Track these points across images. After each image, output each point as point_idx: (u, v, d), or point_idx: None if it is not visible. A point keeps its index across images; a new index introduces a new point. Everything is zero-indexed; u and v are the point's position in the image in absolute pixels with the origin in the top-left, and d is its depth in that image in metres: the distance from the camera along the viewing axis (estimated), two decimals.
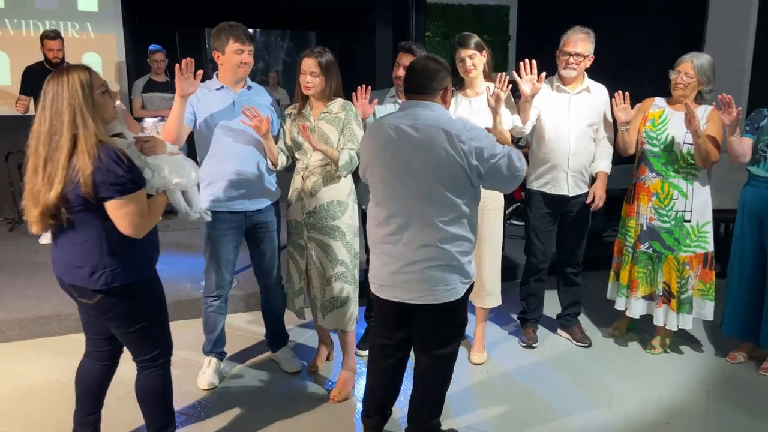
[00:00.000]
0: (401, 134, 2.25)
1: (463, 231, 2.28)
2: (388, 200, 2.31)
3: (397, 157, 2.27)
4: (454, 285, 2.30)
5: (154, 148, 2.23)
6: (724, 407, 2.94)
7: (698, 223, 3.24)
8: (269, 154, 2.95)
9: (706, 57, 3.16)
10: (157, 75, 5.63)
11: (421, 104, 2.28)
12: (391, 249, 2.31)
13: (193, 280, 4.06)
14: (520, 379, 3.22)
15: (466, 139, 2.18)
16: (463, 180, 2.21)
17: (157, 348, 2.30)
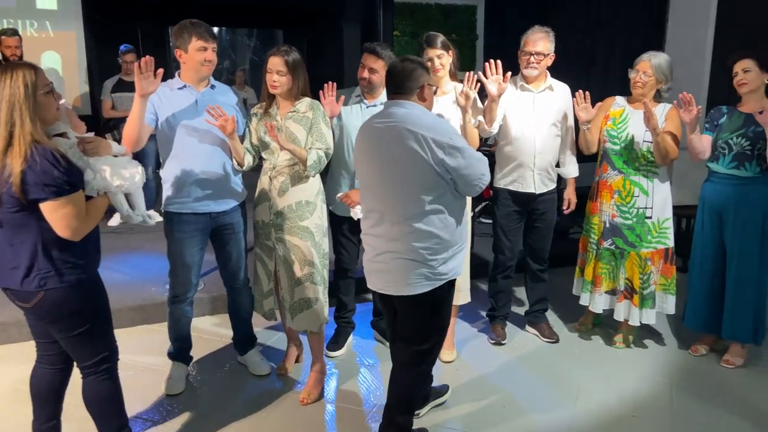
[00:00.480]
0: (375, 133, 2.35)
1: (433, 228, 2.30)
2: (368, 195, 2.43)
3: (372, 155, 2.37)
4: (418, 280, 2.33)
5: (97, 149, 2.17)
6: (687, 399, 3.01)
7: (659, 220, 3.31)
8: (235, 154, 2.90)
9: (664, 56, 3.23)
10: (128, 75, 5.51)
11: (396, 103, 2.36)
12: (370, 240, 2.43)
13: (158, 284, 3.99)
14: (489, 376, 3.25)
15: (432, 136, 2.23)
16: (432, 176, 2.25)
17: (100, 353, 2.23)
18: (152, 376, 3.13)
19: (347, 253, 3.37)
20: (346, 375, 3.25)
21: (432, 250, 2.31)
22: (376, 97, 3.17)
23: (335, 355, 3.42)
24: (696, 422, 2.83)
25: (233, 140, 2.83)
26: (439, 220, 2.31)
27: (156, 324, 3.75)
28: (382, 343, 3.56)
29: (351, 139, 3.16)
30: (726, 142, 3.15)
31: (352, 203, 3.13)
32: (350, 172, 3.19)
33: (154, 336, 3.58)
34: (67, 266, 2.07)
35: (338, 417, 2.89)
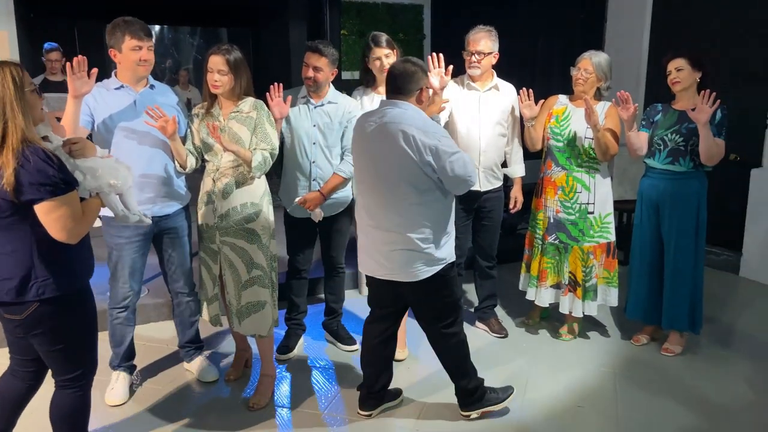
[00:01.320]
0: (369, 130, 2.49)
1: (425, 220, 2.49)
2: (363, 189, 2.59)
3: (366, 151, 2.52)
4: (419, 267, 2.53)
5: (83, 151, 2.11)
6: (630, 387, 3.11)
7: (601, 215, 3.40)
8: (177, 156, 2.83)
9: (604, 55, 3.32)
10: (53, 75, 5.29)
11: (392, 103, 2.50)
12: (369, 232, 2.59)
13: (98, 291, 3.79)
14: (440, 372, 3.23)
15: (420, 137, 2.37)
16: (419, 174, 2.41)
17: (82, 367, 2.15)
18: (95, 387, 2.96)
19: (302, 255, 3.33)
20: (297, 378, 3.21)
21: (425, 239, 2.50)
22: (322, 96, 3.14)
23: (286, 358, 3.37)
24: (639, 409, 2.92)
25: (174, 142, 2.75)
26: (429, 213, 2.49)
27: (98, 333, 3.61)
28: (334, 344, 3.54)
29: (302, 141, 3.13)
30: (661, 139, 3.27)
31: (310, 207, 3.10)
32: (305, 174, 3.16)
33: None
34: (64, 273, 1.98)
35: (291, 421, 2.85)
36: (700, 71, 3.19)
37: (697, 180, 3.25)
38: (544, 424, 2.82)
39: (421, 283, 2.56)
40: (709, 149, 3.09)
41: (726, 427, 2.80)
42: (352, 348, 3.48)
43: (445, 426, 2.80)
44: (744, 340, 3.69)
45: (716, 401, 2.99)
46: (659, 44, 5.21)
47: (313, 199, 3.12)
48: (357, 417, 2.87)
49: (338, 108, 3.14)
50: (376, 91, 3.25)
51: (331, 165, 3.16)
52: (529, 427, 2.80)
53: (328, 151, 3.14)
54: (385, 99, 2.58)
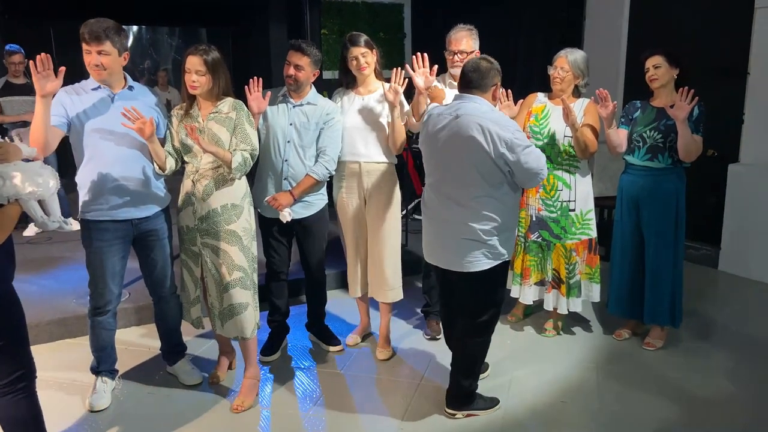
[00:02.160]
0: (443, 123, 2.58)
1: (490, 211, 2.56)
2: (432, 182, 2.69)
3: (438, 144, 2.60)
4: (477, 259, 2.60)
5: (5, 155, 2.02)
6: (613, 381, 3.14)
7: (582, 212, 3.43)
8: (155, 158, 2.79)
9: (580, 52, 3.35)
10: (15, 77, 5.18)
11: (468, 98, 2.59)
12: (432, 221, 2.71)
13: (78, 295, 3.78)
14: (425, 371, 3.27)
15: (496, 130, 2.46)
16: (492, 167, 2.50)
17: (17, 371, 2.08)
18: (75, 393, 2.98)
19: (278, 256, 3.31)
20: (281, 379, 3.20)
21: (489, 232, 2.57)
22: (302, 96, 3.12)
23: (269, 360, 3.35)
24: (621, 402, 2.95)
25: (152, 143, 2.72)
26: (496, 205, 2.56)
27: (78, 338, 3.56)
28: (318, 344, 3.53)
29: (278, 139, 3.11)
30: (640, 136, 3.30)
31: (279, 206, 3.08)
32: (277, 173, 3.14)
33: (77, 350, 3.40)
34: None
35: (274, 423, 2.83)
36: (678, 68, 3.23)
37: (675, 176, 3.29)
38: (528, 419, 2.84)
39: (474, 274, 2.61)
40: (688, 145, 3.13)
41: (707, 418, 2.84)
42: (336, 348, 3.47)
43: (430, 425, 2.80)
44: (723, 333, 3.75)
45: (697, 393, 3.03)
46: (638, 42, 5.27)
47: (282, 199, 3.09)
48: (340, 417, 2.86)
49: (317, 109, 3.12)
50: (356, 91, 3.24)
51: (305, 166, 3.13)
52: (513, 422, 2.81)
53: (302, 151, 3.12)
54: (458, 93, 2.68)
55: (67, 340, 3.58)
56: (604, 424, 2.81)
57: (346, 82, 3.27)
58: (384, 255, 3.28)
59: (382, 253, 3.27)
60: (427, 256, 2.81)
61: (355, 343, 3.55)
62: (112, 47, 2.63)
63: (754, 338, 3.63)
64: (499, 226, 2.58)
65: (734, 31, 4.68)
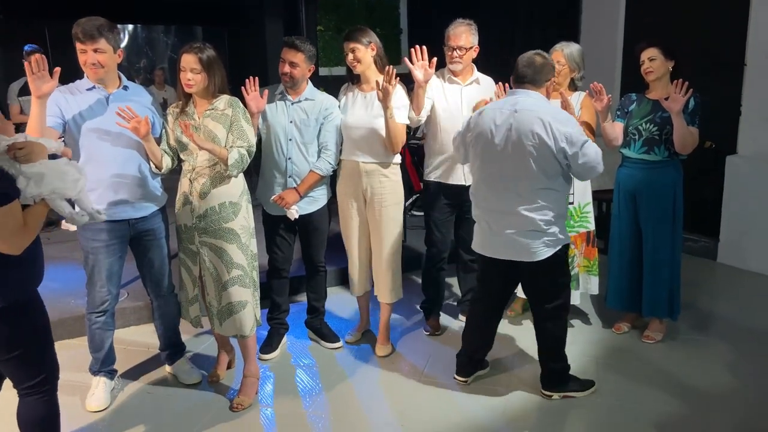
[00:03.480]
0: (501, 118, 2.65)
1: (549, 202, 2.66)
2: (485, 177, 2.74)
3: (495, 138, 2.65)
4: (540, 248, 2.70)
5: (29, 155, 1.99)
6: (612, 374, 3.14)
7: (580, 205, 3.43)
8: (152, 157, 2.79)
9: (575, 46, 3.34)
10: None
11: (523, 92, 2.68)
12: (490, 215, 2.76)
13: (76, 296, 3.78)
14: (425, 367, 3.27)
15: (556, 125, 2.56)
16: (551, 160, 2.59)
17: (42, 373, 2.12)
18: (74, 393, 2.97)
19: (282, 253, 3.31)
20: (281, 377, 3.20)
21: (548, 221, 2.67)
22: (299, 92, 3.11)
23: (269, 358, 3.35)
24: (621, 396, 2.96)
25: (148, 142, 2.71)
26: (554, 196, 2.67)
27: (77, 338, 3.56)
28: (317, 342, 3.53)
29: (279, 138, 3.10)
30: (636, 128, 3.29)
31: (286, 205, 3.08)
32: (281, 171, 3.13)
33: (76, 351, 3.40)
34: (8, 283, 1.93)
35: (275, 421, 2.84)
36: (673, 60, 3.22)
37: (672, 168, 3.28)
38: (527, 413, 2.84)
39: (540, 263, 2.71)
40: (683, 138, 3.12)
41: (706, 411, 2.84)
42: (336, 345, 3.47)
43: (430, 421, 2.80)
44: (722, 325, 3.75)
45: (696, 386, 3.03)
46: (634, 35, 5.25)
47: (288, 197, 3.09)
48: (341, 415, 2.86)
49: (315, 105, 3.11)
50: (360, 88, 3.21)
51: (308, 162, 3.13)
52: (513, 416, 2.82)
53: (304, 148, 3.12)
54: (513, 88, 2.74)
55: (67, 340, 3.57)
56: (603, 416, 2.81)
57: (350, 79, 3.25)
58: (385, 255, 3.27)
59: (383, 253, 3.27)
60: (481, 249, 2.87)
61: (354, 341, 3.55)
62: (107, 44, 2.63)
63: (753, 330, 3.63)
64: (556, 216, 2.70)
65: (731, 23, 4.67)
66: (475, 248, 2.91)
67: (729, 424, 2.76)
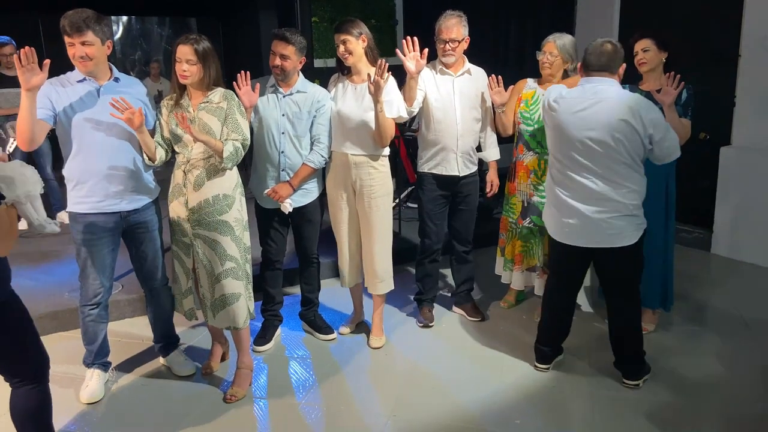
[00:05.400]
0: (584, 106, 2.67)
1: (636, 186, 2.72)
2: (569, 164, 2.74)
3: (578, 126, 2.67)
4: (632, 232, 2.75)
5: None
6: (604, 365, 3.14)
7: None
8: (145, 149, 2.78)
9: (568, 37, 3.33)
10: (8, 69, 5.13)
11: (600, 80, 2.71)
12: (573, 204, 2.76)
13: (70, 289, 3.78)
14: (418, 359, 3.29)
15: (643, 112, 2.62)
16: (638, 144, 2.65)
17: (31, 367, 2.12)
18: (69, 385, 2.98)
19: (275, 245, 3.31)
20: (275, 369, 3.21)
21: (635, 205, 2.73)
22: (291, 85, 3.10)
23: (263, 350, 3.36)
24: (613, 386, 2.97)
25: (142, 134, 2.71)
26: (639, 180, 2.73)
27: (71, 331, 3.56)
28: (311, 334, 3.54)
29: (271, 131, 3.09)
30: None
31: (280, 198, 3.07)
32: (274, 165, 3.13)
33: (70, 343, 3.41)
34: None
35: (268, 412, 2.85)
36: (666, 52, 3.22)
37: None
38: (520, 404, 2.85)
39: (628, 247, 2.75)
40: (675, 129, 3.10)
41: (699, 401, 2.86)
42: (330, 337, 3.48)
43: (422, 412, 2.81)
44: (715, 316, 3.77)
45: (689, 376, 3.05)
46: (629, 26, 5.25)
47: (282, 190, 3.09)
48: (334, 406, 2.88)
49: (307, 97, 3.11)
50: (350, 79, 3.20)
51: (301, 155, 3.13)
52: (507, 407, 2.83)
53: (297, 141, 3.11)
54: (589, 76, 2.75)
55: (60, 333, 3.58)
56: (596, 407, 2.83)
57: (340, 70, 3.25)
58: (375, 247, 3.28)
59: (373, 245, 3.27)
60: (564, 238, 2.85)
61: (348, 332, 3.56)
62: (95, 37, 2.61)
63: (746, 321, 3.65)
64: (639, 200, 2.75)
65: (725, 14, 4.66)
66: (558, 238, 2.88)
67: (720, 413, 2.78)
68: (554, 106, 2.77)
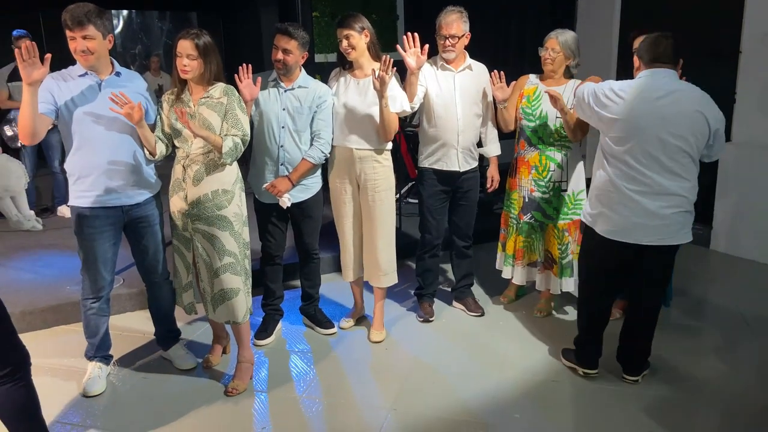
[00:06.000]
0: (659, 96, 2.60)
1: (694, 180, 2.70)
2: (639, 157, 2.64)
3: (652, 118, 2.60)
4: (688, 229, 2.74)
5: None
6: (604, 360, 3.14)
7: (574, 192, 3.44)
8: (146, 144, 2.79)
9: (570, 33, 3.33)
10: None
11: (666, 72, 2.65)
12: (638, 199, 2.67)
13: (71, 282, 3.79)
14: (418, 353, 3.30)
15: (709, 105, 2.63)
16: (704, 139, 2.63)
17: (10, 363, 2.09)
18: (70, 378, 3.00)
19: (274, 240, 3.32)
20: (276, 363, 3.22)
21: (693, 201, 2.72)
22: (292, 80, 3.11)
23: (264, 344, 3.38)
24: (613, 381, 2.99)
25: (142, 129, 2.71)
26: (696, 174, 2.70)
27: (72, 324, 3.58)
28: (312, 328, 3.55)
29: (272, 125, 3.10)
30: None
31: (278, 193, 3.08)
32: (274, 159, 3.13)
33: (71, 336, 3.42)
34: None
35: (269, 405, 2.86)
36: None
37: None
38: (520, 399, 2.87)
39: (674, 246, 2.75)
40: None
41: (698, 397, 2.87)
42: (330, 331, 3.49)
43: (422, 406, 2.83)
44: (714, 312, 3.78)
45: (688, 372, 3.07)
46: (631, 23, 5.24)
47: (280, 185, 3.10)
48: (335, 399, 2.89)
49: (308, 93, 3.11)
50: (352, 74, 3.20)
51: (300, 150, 3.13)
52: (506, 401, 2.84)
53: (297, 136, 3.12)
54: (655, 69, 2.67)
55: (62, 326, 3.59)
56: (595, 402, 2.84)
57: (342, 65, 3.25)
58: (378, 241, 3.29)
59: (377, 238, 3.28)
60: (626, 236, 2.73)
61: (349, 327, 3.57)
62: (96, 31, 2.61)
63: (745, 317, 3.67)
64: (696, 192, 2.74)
65: (726, 10, 4.66)
66: (619, 237, 2.74)
67: (719, 409, 2.80)
68: (621, 94, 2.66)
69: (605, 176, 2.77)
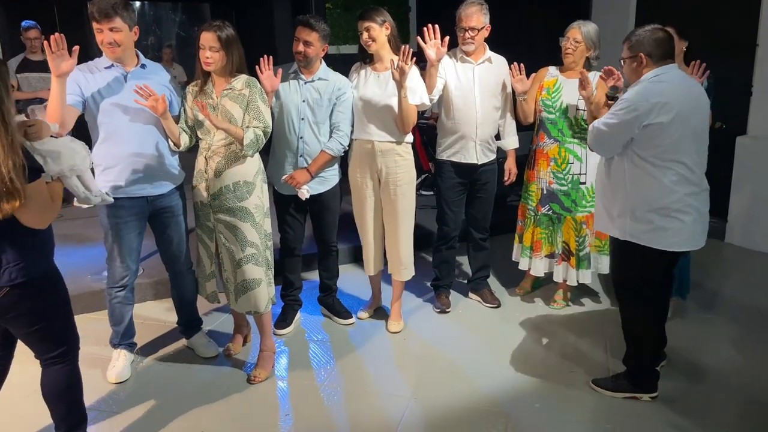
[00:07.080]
0: (694, 92, 2.58)
1: None
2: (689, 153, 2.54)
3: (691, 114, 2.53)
4: None
5: (39, 133, 2.04)
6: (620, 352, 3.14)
7: (592, 185, 3.44)
8: (170, 135, 2.82)
9: (592, 25, 3.33)
10: (33, 53, 5.16)
11: (675, 67, 2.61)
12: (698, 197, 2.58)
13: (93, 272, 3.84)
14: (435, 344, 3.33)
15: None
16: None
17: (65, 344, 2.18)
18: (96, 366, 3.04)
19: (293, 232, 3.35)
20: (295, 351, 3.26)
21: None
22: (312, 72, 3.12)
23: (283, 333, 3.42)
24: None
25: (166, 120, 2.75)
26: None
27: (95, 312, 3.63)
28: (330, 318, 3.59)
29: (291, 117, 3.12)
30: None
31: (297, 184, 3.10)
32: (293, 151, 3.15)
33: (94, 325, 3.47)
34: (35, 256, 1.99)
35: (290, 393, 2.91)
36: (686, 41, 3.22)
37: None
38: (537, 389, 2.90)
39: None
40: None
41: (714, 388, 2.90)
42: (348, 322, 3.53)
43: (441, 397, 2.85)
44: (730, 304, 3.79)
45: (704, 364, 3.09)
46: (646, 16, 5.21)
47: (299, 176, 3.12)
48: (355, 388, 2.93)
49: (328, 85, 3.12)
50: (373, 67, 3.21)
51: (320, 142, 3.15)
52: (524, 392, 2.87)
53: (316, 128, 3.14)
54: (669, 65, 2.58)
55: (84, 314, 3.64)
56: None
57: (362, 58, 3.26)
58: (399, 234, 3.31)
59: (398, 232, 3.31)
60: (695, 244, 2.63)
61: (366, 317, 3.61)
62: (123, 23, 2.64)
63: (761, 309, 3.68)
64: None
65: (743, 2, 4.63)
66: (689, 247, 2.64)
67: (735, 400, 2.82)
68: (661, 99, 2.47)
69: (656, 188, 2.53)
